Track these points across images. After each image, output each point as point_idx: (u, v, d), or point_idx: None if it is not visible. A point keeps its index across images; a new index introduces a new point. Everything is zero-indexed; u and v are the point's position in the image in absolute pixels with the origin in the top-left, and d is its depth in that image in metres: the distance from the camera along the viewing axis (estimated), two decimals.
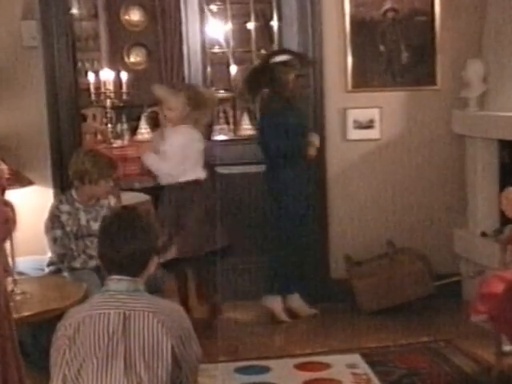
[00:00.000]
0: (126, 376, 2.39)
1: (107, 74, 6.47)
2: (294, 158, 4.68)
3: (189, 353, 2.50)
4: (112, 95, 6.40)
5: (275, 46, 5.39)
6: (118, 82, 6.73)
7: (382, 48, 5.10)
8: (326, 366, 4.07)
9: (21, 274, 3.85)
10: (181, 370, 2.48)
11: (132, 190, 6.35)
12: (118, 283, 2.51)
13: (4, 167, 4.23)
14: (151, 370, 2.41)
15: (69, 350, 2.45)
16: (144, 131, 7.05)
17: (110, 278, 2.53)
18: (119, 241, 2.52)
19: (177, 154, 4.51)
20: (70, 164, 4.28)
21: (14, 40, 4.80)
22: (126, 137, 7.15)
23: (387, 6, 5.07)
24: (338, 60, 5.06)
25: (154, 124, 6.63)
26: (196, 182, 4.56)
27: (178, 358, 2.45)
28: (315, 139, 4.80)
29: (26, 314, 3.32)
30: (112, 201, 4.37)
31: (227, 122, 6.34)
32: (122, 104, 6.73)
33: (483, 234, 4.89)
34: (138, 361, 2.41)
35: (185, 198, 4.52)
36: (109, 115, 6.53)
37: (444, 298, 4.88)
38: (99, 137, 6.83)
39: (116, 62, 8.46)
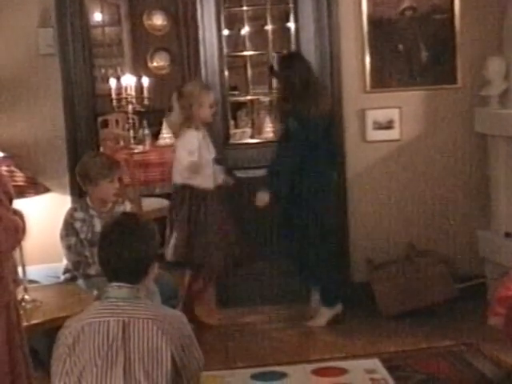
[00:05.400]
0: None
1: (128, 80, 6.47)
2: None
3: (190, 360, 2.48)
4: (133, 100, 6.40)
5: (292, 48, 5.33)
6: (139, 87, 6.73)
7: (400, 47, 5.03)
8: (344, 371, 3.98)
9: (32, 282, 3.85)
10: (181, 378, 2.45)
11: (153, 195, 6.36)
12: (118, 290, 2.49)
13: (19, 175, 4.23)
14: (151, 378, 2.39)
15: (69, 358, 2.44)
16: (166, 136, 7.04)
17: (110, 285, 2.52)
18: (119, 248, 2.50)
19: None
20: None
21: (31, 48, 4.82)
22: (148, 142, 7.16)
23: (405, 4, 4.99)
24: (356, 60, 5.00)
25: None
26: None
27: (178, 365, 2.43)
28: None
29: (36, 321, 3.32)
30: (128, 206, 4.33)
31: (252, 125, 6.30)
32: (143, 109, 6.73)
33: (507, 235, 4.78)
34: (138, 369, 2.39)
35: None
36: (131, 121, 6.53)
37: (468, 300, 4.77)
38: (121, 143, 6.85)
39: (139, 67, 8.50)
